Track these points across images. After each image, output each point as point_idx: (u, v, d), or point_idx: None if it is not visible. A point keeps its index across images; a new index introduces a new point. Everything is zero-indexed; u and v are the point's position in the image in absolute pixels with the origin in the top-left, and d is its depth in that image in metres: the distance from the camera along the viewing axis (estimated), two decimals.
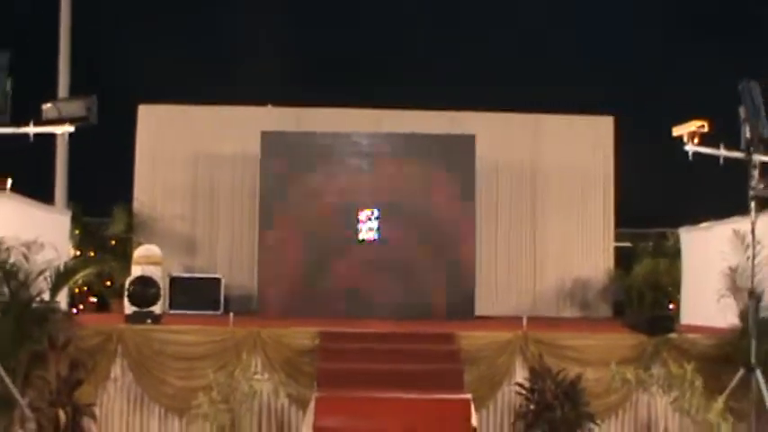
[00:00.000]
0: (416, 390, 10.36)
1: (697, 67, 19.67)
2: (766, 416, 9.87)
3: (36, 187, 13.77)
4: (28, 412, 9.80)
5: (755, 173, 10.36)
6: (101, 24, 19.96)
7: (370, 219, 15.69)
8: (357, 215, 15.68)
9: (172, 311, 14.61)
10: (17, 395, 9.95)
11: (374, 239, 15.64)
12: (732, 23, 20.57)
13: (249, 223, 16.18)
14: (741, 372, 10.11)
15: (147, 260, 13.13)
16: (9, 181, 11.32)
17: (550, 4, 21.06)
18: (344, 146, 15.89)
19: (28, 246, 10.71)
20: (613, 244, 17.80)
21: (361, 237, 15.68)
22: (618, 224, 17.78)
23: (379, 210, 15.67)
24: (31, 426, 9.63)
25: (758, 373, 9.94)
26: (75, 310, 14.46)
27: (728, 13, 20.59)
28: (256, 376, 10.53)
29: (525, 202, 17.76)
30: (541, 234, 17.66)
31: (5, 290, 10.52)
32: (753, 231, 10.37)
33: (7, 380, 9.91)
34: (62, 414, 9.11)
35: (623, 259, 17.80)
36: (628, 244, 18.35)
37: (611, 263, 17.61)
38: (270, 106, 17.48)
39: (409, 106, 17.19)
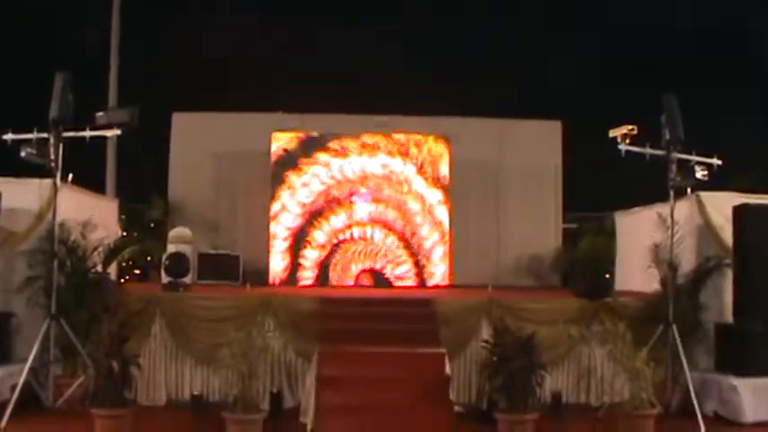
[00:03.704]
0: (401, 345, 10.39)
1: (628, 82, 20.06)
2: (679, 362, 10.22)
3: (91, 180, 13.86)
4: (87, 361, 10.08)
5: (673, 167, 10.67)
6: (143, 47, 20.15)
7: (361, 203, 16.05)
8: (351, 200, 16.04)
9: (200, 282, 14.64)
10: (79, 347, 10.26)
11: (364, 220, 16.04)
12: (653, 48, 21.04)
13: (262, 209, 16.23)
14: (661, 327, 10.48)
15: (179, 239, 13.26)
16: (70, 175, 11.47)
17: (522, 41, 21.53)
18: (341, 143, 16.20)
19: (84, 227, 10.98)
20: (562, 225, 18.06)
21: (354, 218, 16.05)
22: (565, 209, 18.03)
23: (368, 196, 16.03)
24: (90, 372, 9.82)
25: (674, 329, 10.34)
26: (122, 280, 14.55)
27: (652, 41, 21.10)
28: (269, 334, 10.58)
29: (491, 191, 17.91)
30: (504, 218, 17.82)
31: (68, 262, 10.78)
32: (672, 215, 10.73)
33: (72, 335, 10.23)
34: (114, 363, 9.21)
35: (570, 238, 18.02)
36: (574, 225, 18.52)
37: (560, 241, 17.87)
38: (281, 113, 17.59)
39: (397, 111, 17.38)
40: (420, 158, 16.18)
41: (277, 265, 15.97)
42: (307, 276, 15.94)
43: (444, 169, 16.18)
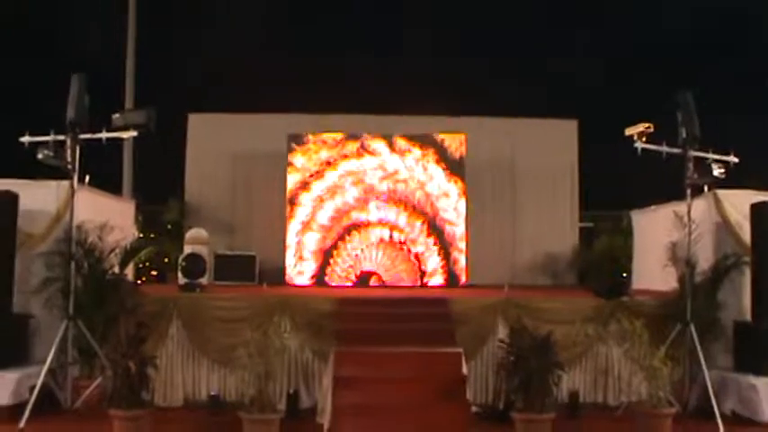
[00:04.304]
0: (417, 345, 10.36)
1: (644, 79, 20.02)
2: (697, 361, 10.15)
3: (108, 182, 13.90)
4: (105, 362, 10.11)
5: (690, 165, 10.62)
6: (159, 48, 20.23)
7: (378, 204, 15.98)
8: (368, 201, 15.97)
9: (216, 282, 14.72)
10: (97, 348, 10.31)
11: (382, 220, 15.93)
12: (668, 48, 21.00)
13: (278, 209, 16.18)
14: (679, 326, 10.44)
15: (196, 240, 13.30)
16: (87, 177, 11.49)
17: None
18: (357, 144, 16.12)
19: (102, 229, 11.01)
20: (578, 224, 18.00)
21: (371, 218, 15.94)
22: (582, 208, 17.97)
23: (385, 196, 15.96)
24: (108, 373, 9.85)
25: (692, 327, 10.29)
26: (139, 282, 14.58)
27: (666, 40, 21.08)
28: (285, 335, 10.49)
29: (507, 191, 17.90)
30: (520, 217, 17.82)
31: (85, 264, 10.81)
32: (689, 213, 10.68)
33: (89, 336, 10.27)
34: (131, 364, 9.22)
35: (586, 237, 17.97)
36: (590, 224, 18.46)
37: (576, 240, 17.82)
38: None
39: (413, 111, 17.34)
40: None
41: (290, 261, 15.95)
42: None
43: (460, 169, 16.05)
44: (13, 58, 19.71)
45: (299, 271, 15.87)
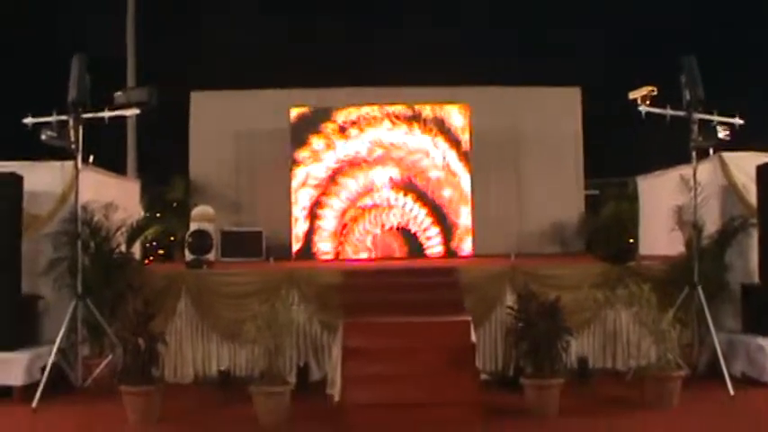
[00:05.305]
0: (425, 314, 10.31)
1: (647, 42, 19.92)
2: (705, 323, 10.19)
3: (112, 161, 13.92)
4: (115, 340, 10.22)
5: (695, 128, 10.60)
6: (161, 26, 20.20)
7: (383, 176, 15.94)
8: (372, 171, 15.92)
9: (223, 259, 14.67)
10: (106, 326, 10.37)
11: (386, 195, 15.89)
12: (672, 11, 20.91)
13: (283, 184, 16.10)
14: (686, 289, 10.45)
15: (202, 218, 13.35)
16: (91, 157, 11.50)
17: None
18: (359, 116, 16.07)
19: (107, 208, 11.08)
20: (584, 192, 17.91)
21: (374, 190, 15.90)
22: (587, 175, 17.82)
23: (389, 169, 15.90)
24: (118, 350, 9.98)
25: (699, 290, 10.29)
26: (147, 261, 14.64)
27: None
28: (293, 307, 10.58)
29: (511, 160, 17.76)
30: (525, 186, 17.67)
31: (92, 243, 10.87)
32: (694, 176, 10.68)
33: (98, 314, 10.32)
34: (141, 341, 9.25)
35: (592, 204, 17.94)
36: (596, 191, 18.46)
37: (582, 207, 17.72)
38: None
39: (414, 83, 17.21)
40: (439, 128, 16.01)
41: (298, 235, 15.88)
42: (325, 250, 15.79)
43: (464, 139, 16.02)
44: (14, 40, 19.67)
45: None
